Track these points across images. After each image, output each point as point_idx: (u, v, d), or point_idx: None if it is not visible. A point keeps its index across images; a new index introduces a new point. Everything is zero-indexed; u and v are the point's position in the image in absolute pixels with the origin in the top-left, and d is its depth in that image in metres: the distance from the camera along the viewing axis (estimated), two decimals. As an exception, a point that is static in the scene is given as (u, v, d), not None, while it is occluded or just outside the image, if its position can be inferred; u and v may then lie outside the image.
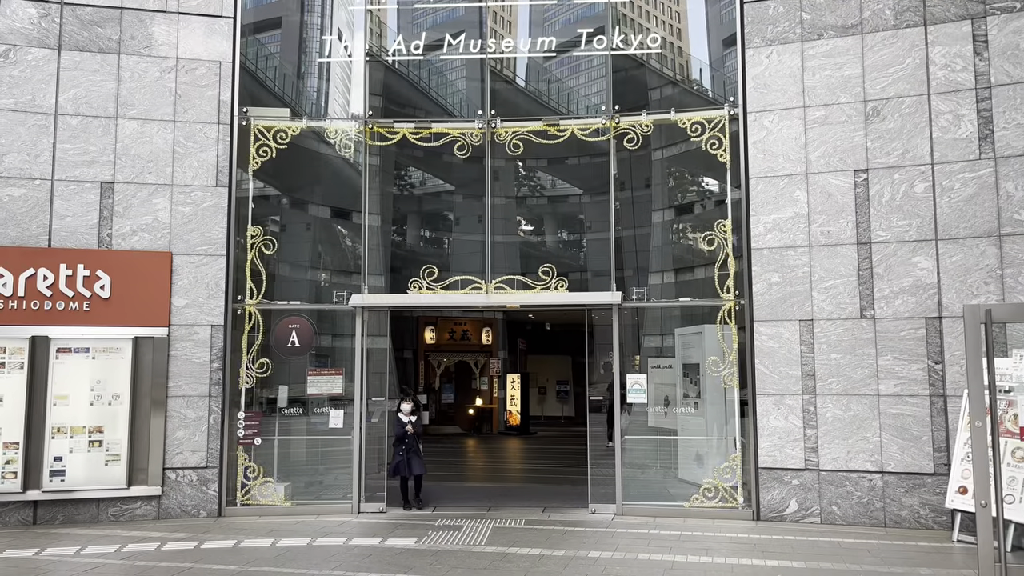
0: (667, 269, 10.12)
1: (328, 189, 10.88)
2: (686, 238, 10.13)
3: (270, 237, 9.46)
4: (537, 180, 12.90)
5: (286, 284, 9.75)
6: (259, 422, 9.15)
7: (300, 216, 10.93)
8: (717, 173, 9.28)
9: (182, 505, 8.81)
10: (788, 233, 8.65)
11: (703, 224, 9.37)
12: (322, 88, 10.84)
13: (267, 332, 9.36)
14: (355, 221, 9.98)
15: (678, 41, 10.12)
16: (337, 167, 10.62)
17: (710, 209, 9.65)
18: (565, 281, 9.32)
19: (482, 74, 10.13)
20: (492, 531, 8.03)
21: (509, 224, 12.50)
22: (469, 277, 9.48)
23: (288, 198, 10.64)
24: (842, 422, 8.29)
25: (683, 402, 9.96)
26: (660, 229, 10.25)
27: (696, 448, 9.63)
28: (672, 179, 10.38)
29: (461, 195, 18.70)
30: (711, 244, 9.09)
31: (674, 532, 7.92)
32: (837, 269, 8.45)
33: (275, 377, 9.49)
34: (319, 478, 9.79)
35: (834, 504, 8.25)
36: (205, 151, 9.23)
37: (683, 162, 9.94)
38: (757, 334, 8.66)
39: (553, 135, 9.59)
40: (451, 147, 9.78)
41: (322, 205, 11.43)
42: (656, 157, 10.31)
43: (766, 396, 8.56)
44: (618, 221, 9.59)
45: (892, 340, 8.21)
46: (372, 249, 12.85)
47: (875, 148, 8.45)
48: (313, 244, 10.92)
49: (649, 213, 10.31)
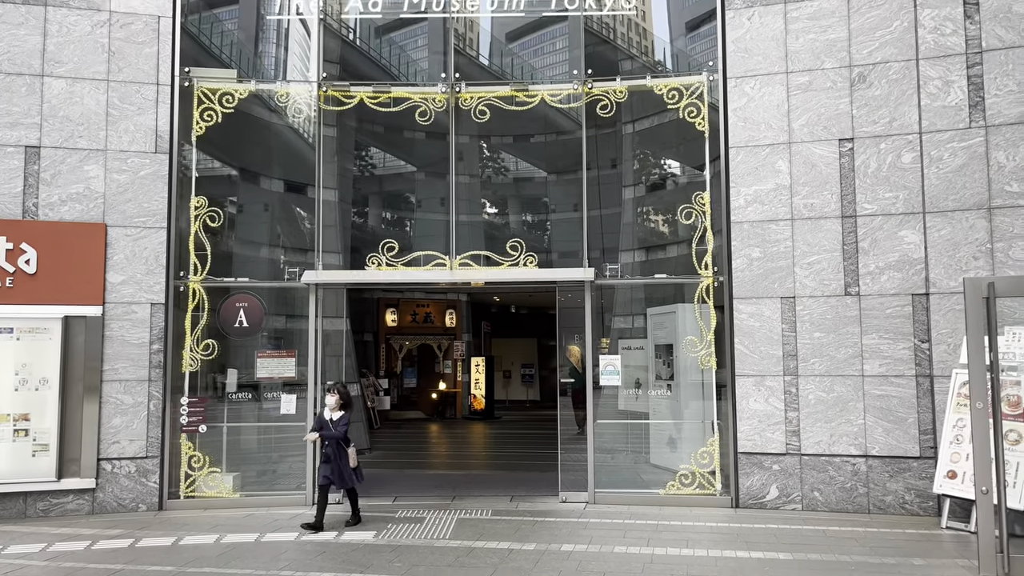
0: (642, 246, 9.62)
1: (280, 160, 10.15)
2: (662, 213, 9.64)
3: (215, 209, 8.73)
4: (504, 155, 12.31)
5: (234, 260, 9.06)
6: (204, 408, 8.47)
7: (249, 188, 10.19)
8: (695, 143, 8.77)
9: (119, 499, 8.11)
10: (770, 206, 8.20)
11: (680, 198, 8.87)
12: (273, 51, 10.08)
13: (213, 311, 8.66)
14: (309, 195, 9.29)
15: (654, 2, 9.57)
16: (289, 137, 9.91)
17: (687, 182, 9.16)
18: (534, 257, 8.77)
19: (445, 36, 9.48)
20: (457, 523, 7.49)
21: (475, 199, 11.93)
22: (432, 253, 8.87)
23: (236, 168, 9.89)
24: (825, 404, 7.89)
25: (655, 384, 9.52)
26: (634, 204, 9.74)
27: (671, 432, 9.19)
28: (647, 151, 9.86)
29: (424, 172, 18.06)
30: (688, 218, 8.60)
31: (650, 522, 7.46)
32: (821, 244, 8.03)
33: (222, 360, 8.81)
34: (271, 467, 9.16)
35: (816, 490, 7.87)
36: (143, 114, 8.46)
37: (659, 133, 9.42)
38: (737, 312, 8.21)
39: (522, 101, 8.99)
40: (412, 114, 9.12)
41: (274, 178, 10.71)
42: (630, 130, 9.79)
43: (746, 377, 8.12)
44: (590, 195, 9.05)
45: (877, 318, 7.82)
46: (328, 227, 12.18)
47: (861, 116, 8.02)
48: (263, 218, 10.21)
49: (622, 188, 9.79)
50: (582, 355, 12.20)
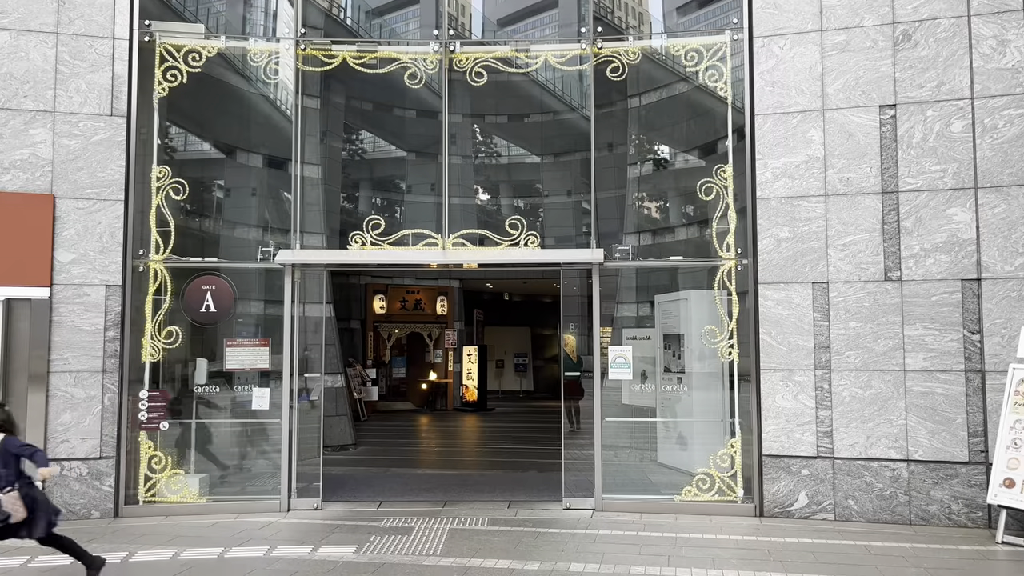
0: (655, 227, 8.76)
1: (255, 129, 9.23)
2: (679, 190, 8.76)
3: (180, 181, 7.78)
4: (501, 131, 11.41)
5: (200, 238, 8.15)
6: (166, 403, 7.56)
7: (220, 159, 9.26)
8: (716, 111, 7.89)
9: (69, 505, 7.20)
10: (800, 180, 7.33)
11: (699, 172, 8.00)
12: (245, 8, 9.14)
13: (177, 295, 7.74)
14: (289, 171, 8.35)
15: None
16: (265, 105, 8.97)
17: (708, 155, 8.28)
18: (536, 237, 7.88)
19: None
20: (449, 535, 6.62)
21: (468, 179, 11.04)
22: (423, 231, 7.96)
23: (205, 137, 8.95)
24: (861, 402, 7.06)
25: (665, 378, 8.69)
26: (647, 180, 8.86)
27: (685, 432, 8.37)
28: (662, 120, 8.97)
29: (415, 154, 17.14)
30: (709, 194, 7.71)
31: (667, 534, 6.62)
32: (858, 223, 7.17)
33: (188, 349, 7.90)
34: (242, 469, 8.28)
35: (851, 498, 7.04)
36: (97, 71, 7.51)
37: (675, 100, 8.53)
38: (762, 299, 7.36)
39: (524, 63, 8.08)
40: (401, 79, 8.19)
41: (251, 151, 9.78)
42: (641, 101, 8.91)
43: (772, 372, 7.28)
44: (599, 170, 8.16)
45: (921, 306, 6.97)
46: (311, 206, 11.24)
47: (905, 80, 7.15)
48: (236, 192, 9.29)
49: (635, 162, 8.91)
50: (577, 344, 11.46)
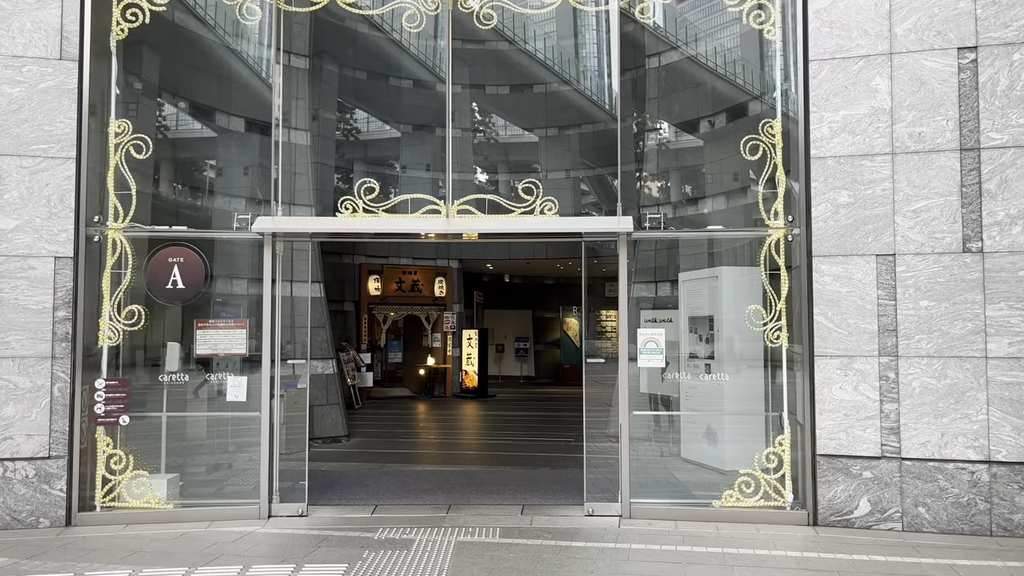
0: (690, 197, 7.74)
1: (232, 82, 8.15)
2: (718, 150, 7.73)
3: (142, 137, 6.71)
4: (513, 65, 10.30)
5: (169, 205, 7.10)
6: (127, 393, 6.54)
7: (191, 113, 8.18)
8: (763, 57, 6.86)
9: (13, 512, 6.21)
10: (863, 136, 6.30)
11: (743, 128, 6.96)
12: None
13: (140, 269, 6.71)
14: (272, 135, 7.29)
15: None
16: (241, 52, 7.90)
17: (753, 108, 7.25)
18: (554, 203, 6.85)
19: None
20: (456, 549, 5.64)
21: (470, 129, 9.97)
22: (423, 196, 6.93)
23: (173, 89, 7.88)
24: (934, 394, 6.07)
25: (691, 365, 7.74)
26: (679, 142, 7.83)
27: (723, 427, 7.40)
28: (699, 67, 7.92)
29: (411, 125, 16.05)
30: (754, 153, 6.68)
31: (712, 548, 5.64)
32: (931, 185, 6.16)
33: (153, 332, 6.88)
34: (220, 468, 7.30)
35: (921, 505, 6.07)
36: (43, 8, 6.43)
37: (715, 46, 7.48)
38: (817, 274, 6.35)
39: (539, 3, 7.01)
40: (398, 20, 7.13)
41: (227, 111, 8.72)
42: (676, 44, 7.87)
43: (828, 358, 6.28)
44: (624, 133, 7.12)
45: (1008, 282, 5.98)
46: (300, 175, 10.19)
47: (988, 18, 6.11)
48: (209, 153, 8.21)
49: (664, 122, 7.88)
50: (580, 328, 10.54)
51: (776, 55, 6.73)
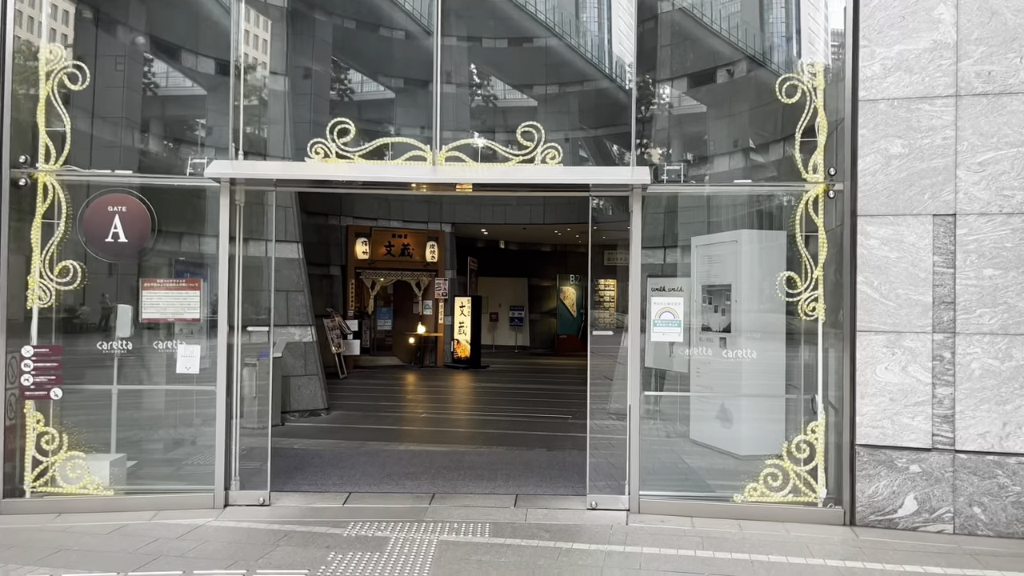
0: (719, 149, 6.82)
1: (182, 4, 7.15)
2: (747, 93, 6.78)
3: (79, 65, 5.73)
4: (512, 18, 9.33)
5: (107, 145, 6.13)
6: (59, 363, 5.65)
7: (140, 40, 7.18)
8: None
9: (-75, 498, 5.36)
10: (922, 75, 5.37)
11: (778, 68, 6.02)
12: None
13: (75, 219, 5.77)
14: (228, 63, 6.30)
15: None
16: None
17: (791, 46, 6.29)
18: (557, 151, 5.92)
19: None
20: (437, 550, 4.81)
21: (465, 69, 9.01)
22: (406, 140, 5.98)
23: (116, 11, 6.88)
24: (997, 377, 5.22)
25: (704, 340, 6.91)
26: (703, 81, 6.88)
27: (746, 411, 6.57)
28: (725, 4, 6.95)
29: (402, 81, 15.03)
30: (791, 95, 5.73)
31: (738, 555, 4.82)
32: (1002, 133, 5.25)
33: (90, 291, 5.98)
34: (177, 447, 6.46)
35: (976, 504, 5.25)
36: (-44, -94, 5.43)
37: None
38: (862, 236, 5.46)
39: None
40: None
41: (197, 53, 7.74)
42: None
43: (873, 334, 5.42)
44: (640, 69, 6.21)
45: (1088, 248, 5.11)
46: (275, 124, 9.25)
47: (1077, -66, 5.16)
48: (161, 87, 7.23)
49: (687, 57, 6.92)
50: (579, 297, 9.72)
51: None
